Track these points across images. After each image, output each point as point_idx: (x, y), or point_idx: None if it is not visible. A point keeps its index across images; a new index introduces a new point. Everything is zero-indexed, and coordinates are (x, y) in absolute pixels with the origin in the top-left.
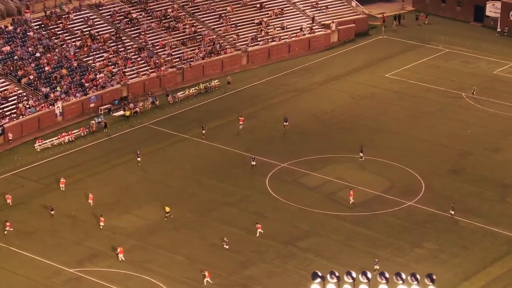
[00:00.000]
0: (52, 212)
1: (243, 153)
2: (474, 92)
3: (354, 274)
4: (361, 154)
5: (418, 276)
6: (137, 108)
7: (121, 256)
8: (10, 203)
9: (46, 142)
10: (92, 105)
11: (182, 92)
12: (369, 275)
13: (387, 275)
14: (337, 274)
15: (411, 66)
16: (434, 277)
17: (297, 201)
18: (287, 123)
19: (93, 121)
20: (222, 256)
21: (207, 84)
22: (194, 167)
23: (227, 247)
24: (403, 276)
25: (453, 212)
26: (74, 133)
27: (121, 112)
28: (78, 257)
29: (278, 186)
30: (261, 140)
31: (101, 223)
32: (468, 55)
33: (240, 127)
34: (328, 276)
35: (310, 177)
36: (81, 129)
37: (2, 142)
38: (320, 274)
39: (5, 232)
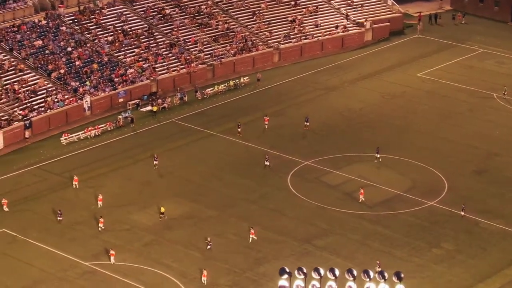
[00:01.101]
0: (60, 218)
1: (268, 150)
2: (506, 93)
3: (322, 271)
4: (377, 155)
5: (385, 274)
6: (165, 104)
7: (112, 259)
8: (6, 209)
9: (72, 136)
10: (120, 100)
11: (211, 89)
12: (337, 272)
13: (355, 272)
14: (304, 271)
15: (444, 66)
16: (402, 275)
17: (317, 199)
18: (308, 123)
19: (120, 116)
20: (238, 253)
21: (237, 81)
22: (217, 163)
23: (209, 247)
24: (371, 273)
25: (463, 213)
26: (100, 127)
27: (148, 108)
28: (94, 251)
29: (300, 184)
30: (286, 137)
31: (100, 225)
32: (503, 55)
33: (266, 126)
34: (296, 272)
35: (332, 175)
36: (108, 123)
37: (30, 135)
38: (287, 270)
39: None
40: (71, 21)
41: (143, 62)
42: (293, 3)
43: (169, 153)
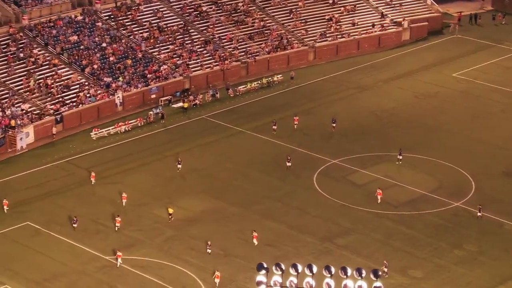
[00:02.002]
0: (75, 225)
1: (296, 148)
2: None
3: (300, 267)
4: (399, 157)
5: (363, 271)
6: (196, 100)
7: (119, 260)
8: (6, 210)
9: (102, 131)
10: (153, 96)
11: (243, 86)
12: (315, 269)
13: (332, 269)
14: (282, 267)
15: (480, 66)
16: (380, 273)
17: (342, 198)
18: (335, 124)
19: (151, 112)
20: (258, 250)
21: (270, 78)
22: (244, 160)
23: (209, 251)
24: (348, 271)
25: (480, 214)
26: (131, 123)
27: (180, 104)
28: (116, 245)
29: (325, 182)
30: (314, 136)
31: (117, 224)
32: None
33: (295, 126)
34: (274, 268)
35: (359, 174)
36: (139, 119)
37: (61, 129)
38: (265, 265)
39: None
40: (107, 17)
41: (177, 58)
42: (331, 1)
43: (197, 150)
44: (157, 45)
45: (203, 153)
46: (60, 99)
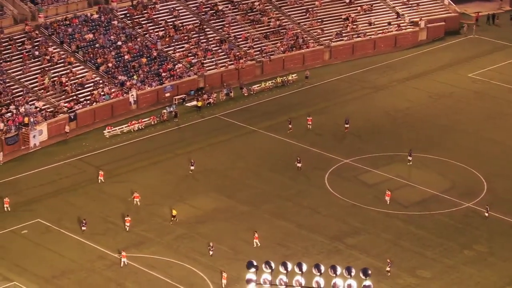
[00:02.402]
0: (84, 228)
1: (308, 147)
2: None
3: (289, 266)
4: (409, 158)
5: (352, 270)
6: (210, 99)
7: (124, 260)
8: (8, 208)
9: (116, 129)
10: (167, 94)
11: (258, 85)
12: (304, 267)
13: (322, 268)
14: (272, 265)
15: (497, 67)
16: (369, 272)
17: (353, 198)
18: (348, 125)
19: (164, 110)
20: (267, 249)
21: (284, 78)
22: (256, 159)
23: (211, 253)
24: (338, 269)
25: (487, 214)
26: (144, 121)
27: (193, 103)
28: (125, 243)
29: (337, 182)
30: (327, 135)
31: (127, 224)
32: None
33: (309, 126)
34: (263, 266)
35: (371, 174)
36: (152, 117)
37: (75, 127)
38: (255, 263)
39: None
40: (123, 16)
41: (192, 57)
42: (347, 1)
43: (210, 148)
44: (173, 44)
45: (215, 151)
46: (74, 97)
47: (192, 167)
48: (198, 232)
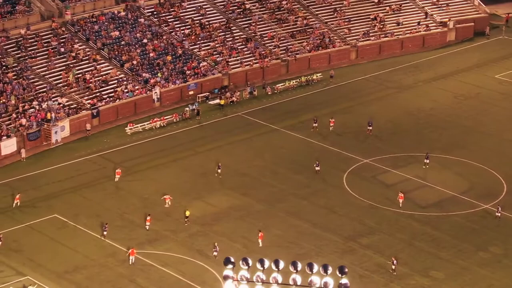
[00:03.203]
0: (105, 233)
1: (328, 147)
2: None
3: (267, 263)
4: (426, 161)
5: (329, 268)
6: (233, 98)
7: (132, 258)
8: (18, 204)
9: (137, 126)
10: (191, 92)
11: (282, 84)
12: (281, 264)
13: (299, 265)
14: (249, 261)
15: None
16: (346, 270)
17: (370, 198)
18: (371, 127)
19: (186, 108)
20: (281, 248)
21: (309, 77)
22: (275, 158)
23: (215, 253)
24: (315, 267)
25: (498, 214)
26: (166, 119)
27: (216, 101)
28: (140, 239)
29: (355, 182)
30: (349, 135)
31: (147, 223)
32: None
33: (331, 128)
34: (241, 262)
35: (390, 174)
36: (174, 115)
37: (97, 124)
38: (232, 260)
39: None
40: (150, 13)
41: (217, 55)
42: (376, 0)
43: (229, 147)
44: (198, 42)
45: (235, 150)
46: (98, 94)
47: (219, 170)
48: (213, 229)
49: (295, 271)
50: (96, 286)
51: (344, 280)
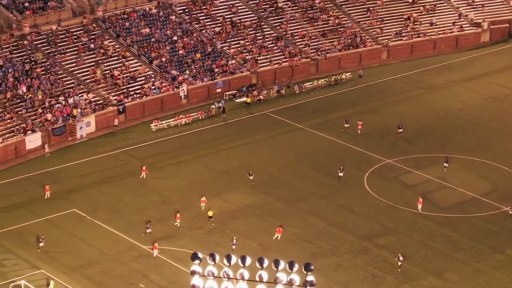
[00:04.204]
0: (148, 232)
1: (352, 146)
2: None
3: (234, 259)
4: (445, 165)
5: (295, 264)
6: (260, 96)
7: (155, 252)
8: (49, 195)
9: (162, 123)
10: (218, 90)
11: (310, 83)
12: (248, 260)
13: (266, 262)
14: (216, 257)
15: None
16: (312, 267)
17: (389, 198)
18: (401, 130)
19: (213, 106)
20: (296, 246)
21: (337, 76)
22: (298, 157)
23: (234, 247)
24: (281, 264)
25: None
26: (191, 116)
27: (243, 99)
28: (157, 235)
29: (376, 182)
30: (373, 134)
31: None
32: None
33: (359, 131)
34: (208, 258)
35: (411, 174)
36: (200, 112)
37: (124, 120)
38: (200, 255)
39: None
40: (181, 11)
41: (247, 54)
42: (410, 0)
43: (254, 144)
44: (228, 40)
45: (258, 148)
46: (125, 90)
47: (250, 177)
48: (230, 227)
49: (260, 267)
50: (108, 281)
51: (310, 277)
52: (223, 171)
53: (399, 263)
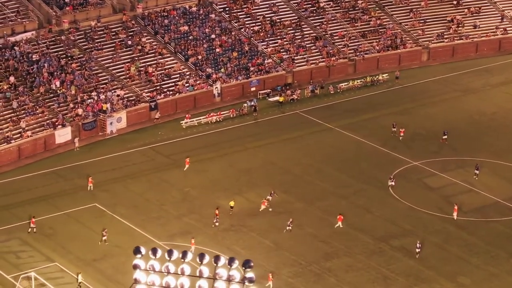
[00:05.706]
0: (217, 222)
1: (379, 147)
2: None
3: (175, 254)
4: (476, 172)
5: (235, 261)
6: (294, 95)
7: (192, 248)
8: (92, 187)
9: (193, 120)
10: (253, 88)
11: (345, 83)
12: (189, 256)
13: (207, 258)
14: (157, 252)
15: None
16: (251, 264)
17: (411, 200)
18: (446, 137)
19: (245, 104)
20: (310, 246)
21: (374, 77)
22: (322, 156)
23: (289, 228)
24: (222, 260)
25: None
26: (223, 114)
27: (276, 98)
28: (173, 231)
29: (399, 184)
30: (404, 135)
31: (217, 216)
32: None
33: (400, 138)
34: (150, 252)
35: (436, 177)
36: (231, 110)
37: (159, 116)
38: (142, 249)
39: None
40: (221, 9)
41: (284, 53)
42: (455, 2)
43: (281, 144)
44: (266, 39)
45: (285, 147)
46: (158, 87)
47: (269, 198)
48: (246, 225)
49: (200, 262)
50: (118, 275)
51: (250, 274)
52: (246, 170)
53: (417, 250)
